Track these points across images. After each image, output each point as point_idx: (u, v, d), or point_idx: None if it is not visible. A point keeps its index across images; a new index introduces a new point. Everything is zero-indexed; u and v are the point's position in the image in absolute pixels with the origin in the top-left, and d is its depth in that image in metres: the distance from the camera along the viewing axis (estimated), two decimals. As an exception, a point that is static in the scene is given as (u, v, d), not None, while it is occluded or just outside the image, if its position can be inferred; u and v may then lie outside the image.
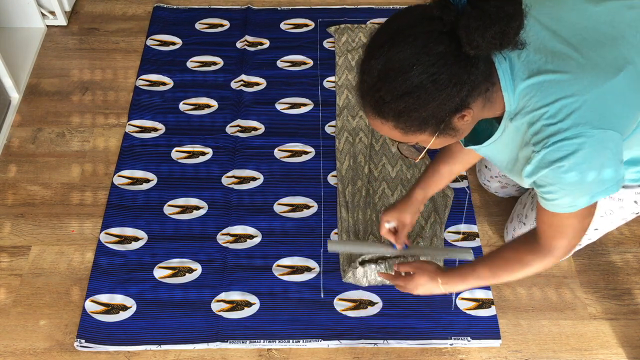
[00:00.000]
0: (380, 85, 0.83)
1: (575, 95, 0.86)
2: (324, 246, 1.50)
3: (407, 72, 0.80)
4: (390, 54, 0.81)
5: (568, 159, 0.87)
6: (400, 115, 0.85)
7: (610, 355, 1.35)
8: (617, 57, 0.90)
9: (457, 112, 0.86)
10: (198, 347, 1.34)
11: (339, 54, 1.92)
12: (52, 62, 1.91)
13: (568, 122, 0.86)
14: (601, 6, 0.95)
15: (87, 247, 1.50)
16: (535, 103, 0.88)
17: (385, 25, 0.85)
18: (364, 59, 0.86)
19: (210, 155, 1.68)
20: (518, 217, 1.42)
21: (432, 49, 0.80)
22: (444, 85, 0.81)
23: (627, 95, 0.89)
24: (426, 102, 0.82)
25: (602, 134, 0.87)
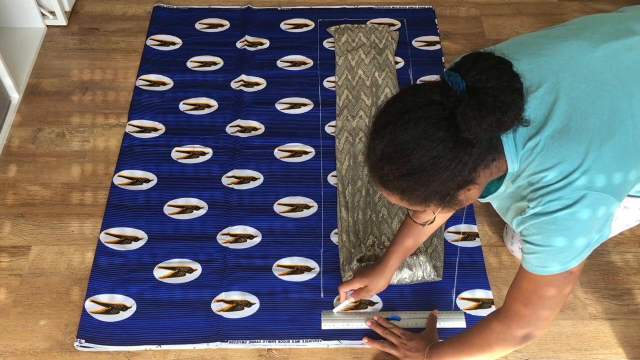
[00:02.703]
0: (383, 165, 0.86)
1: (574, 159, 0.87)
2: (324, 246, 1.50)
3: (408, 155, 0.82)
4: (392, 136, 0.83)
5: (559, 212, 0.88)
6: (404, 192, 0.87)
7: (610, 355, 1.35)
8: (616, 113, 0.89)
9: (462, 188, 0.87)
10: (198, 347, 1.34)
11: (339, 54, 1.92)
12: (52, 62, 1.91)
13: (564, 183, 0.87)
14: (600, 50, 0.94)
15: (87, 247, 1.50)
16: (536, 167, 0.89)
17: (391, 103, 0.88)
18: (370, 136, 0.88)
19: (210, 155, 1.68)
20: None
21: (432, 134, 0.81)
22: (444, 167, 0.83)
23: (623, 156, 0.89)
24: (428, 182, 0.84)
25: (597, 196, 0.87)
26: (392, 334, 1.32)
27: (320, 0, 2.12)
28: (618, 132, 0.88)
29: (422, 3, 2.10)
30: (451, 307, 1.40)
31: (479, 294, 1.42)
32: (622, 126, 0.88)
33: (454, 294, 1.42)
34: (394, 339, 1.31)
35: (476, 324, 1.13)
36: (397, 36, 1.97)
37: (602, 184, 0.87)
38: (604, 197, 0.88)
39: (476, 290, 1.43)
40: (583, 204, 0.87)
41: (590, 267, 1.48)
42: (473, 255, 1.49)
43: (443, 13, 2.08)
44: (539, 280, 0.95)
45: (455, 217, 1.55)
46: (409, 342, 1.29)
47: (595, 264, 1.49)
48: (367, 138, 0.89)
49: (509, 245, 1.48)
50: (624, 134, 0.88)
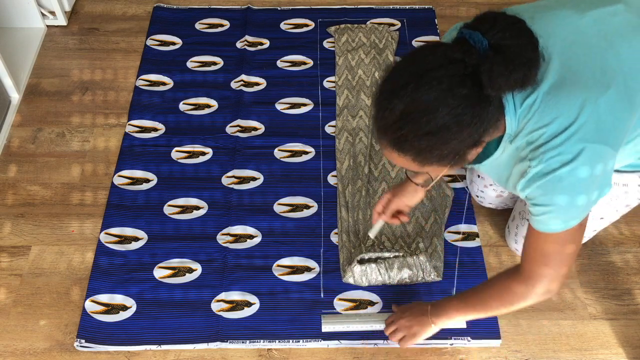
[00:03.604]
0: (403, 124, 0.85)
1: (571, 113, 0.90)
2: (324, 246, 1.50)
3: (433, 113, 0.83)
4: (415, 95, 0.83)
5: (562, 169, 0.91)
6: (420, 153, 0.88)
7: (610, 355, 1.35)
8: (607, 71, 0.93)
9: (474, 147, 0.90)
10: (198, 347, 1.34)
11: (339, 54, 1.92)
12: (52, 62, 1.91)
13: (563, 138, 0.90)
14: (587, 17, 0.98)
15: (87, 247, 1.50)
16: (534, 124, 0.92)
17: (406, 65, 0.88)
18: (383, 97, 0.88)
19: (210, 155, 1.68)
20: (520, 215, 1.42)
21: (457, 91, 0.82)
22: (466, 125, 0.85)
23: (617, 109, 0.93)
24: (448, 141, 0.86)
25: (597, 148, 0.91)
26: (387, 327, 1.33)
27: (320, 0, 2.12)
28: (611, 87, 0.92)
29: (422, 3, 2.10)
30: (451, 307, 1.40)
31: (479, 294, 1.42)
32: (614, 82, 0.92)
33: (454, 289, 1.42)
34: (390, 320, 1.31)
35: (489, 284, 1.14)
36: (397, 36, 1.97)
37: (598, 136, 0.90)
38: (601, 149, 0.91)
39: (476, 290, 1.43)
40: (583, 158, 0.90)
41: (590, 267, 1.48)
42: (473, 255, 1.49)
43: (443, 13, 2.08)
44: (557, 238, 0.98)
45: (456, 217, 1.55)
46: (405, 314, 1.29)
47: (595, 264, 1.49)
48: (380, 99, 0.89)
49: (513, 244, 1.47)
50: (616, 88, 0.92)
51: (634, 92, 0.94)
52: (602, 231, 1.54)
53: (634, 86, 0.94)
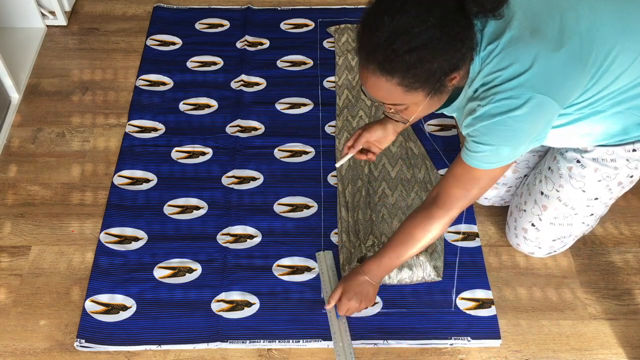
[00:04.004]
0: (394, 39, 0.89)
1: (526, 62, 0.96)
2: (324, 246, 1.50)
3: (422, 24, 0.88)
4: (404, 9, 0.88)
5: (507, 114, 0.97)
6: (410, 69, 0.91)
7: (610, 355, 1.35)
8: (565, 30, 0.99)
9: (453, 72, 0.94)
10: (198, 347, 1.34)
11: (339, 54, 1.92)
12: (52, 62, 1.92)
13: (515, 83, 0.96)
14: None
15: (87, 247, 1.50)
16: (492, 68, 0.98)
17: None
18: (370, 19, 0.91)
19: (210, 155, 1.68)
20: (517, 207, 1.44)
21: (444, 4, 0.89)
22: (452, 39, 0.90)
23: (568, 67, 0.98)
24: (437, 54, 0.90)
25: (543, 99, 0.97)
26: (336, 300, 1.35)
27: (320, 0, 2.12)
28: (566, 45, 0.98)
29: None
30: (451, 307, 1.40)
31: (479, 294, 1.42)
32: (570, 41, 0.98)
33: (454, 294, 1.42)
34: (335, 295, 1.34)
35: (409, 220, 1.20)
36: (397, 36, 1.97)
37: (547, 88, 0.97)
38: (547, 101, 0.97)
39: (476, 290, 1.43)
40: (529, 107, 0.96)
41: (590, 267, 1.48)
42: (473, 255, 1.49)
43: (443, 13, 2.08)
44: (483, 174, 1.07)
45: (455, 217, 1.56)
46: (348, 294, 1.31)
47: (595, 264, 1.49)
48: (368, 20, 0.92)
49: (513, 238, 1.47)
50: (571, 47, 0.98)
51: (587, 54, 1.00)
52: (602, 231, 1.54)
53: (587, 48, 0.99)
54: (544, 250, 1.44)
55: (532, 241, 1.42)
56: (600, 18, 1.01)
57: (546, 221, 1.37)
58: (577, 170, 1.26)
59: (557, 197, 1.32)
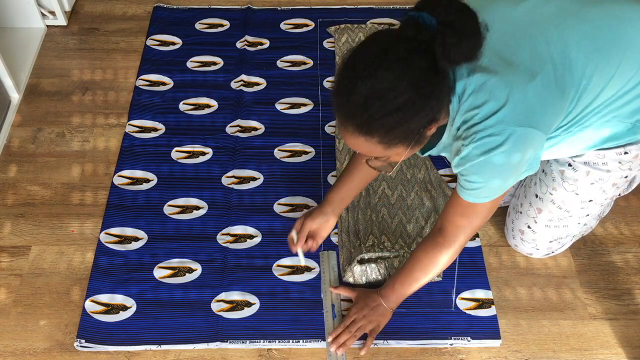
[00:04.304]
0: (370, 104, 0.90)
1: (501, 97, 0.96)
2: (324, 246, 1.50)
3: (397, 88, 0.88)
4: (377, 75, 0.89)
5: (493, 152, 0.97)
6: (388, 131, 0.93)
7: (610, 355, 1.35)
8: (536, 59, 0.99)
9: (432, 123, 0.96)
10: (198, 347, 1.34)
11: (339, 54, 1.92)
12: (52, 62, 1.92)
13: (494, 120, 0.96)
14: (519, 7, 1.05)
15: (87, 247, 1.50)
16: (469, 105, 0.98)
17: (361, 51, 0.93)
18: (344, 83, 0.92)
19: (210, 155, 1.68)
20: (514, 209, 1.45)
21: (416, 64, 0.89)
22: (427, 97, 0.91)
23: (545, 95, 0.99)
24: (414, 115, 0.91)
25: (525, 131, 0.97)
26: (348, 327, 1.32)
27: (320, 0, 2.12)
28: (540, 73, 0.98)
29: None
30: (451, 307, 1.40)
31: (479, 294, 1.42)
32: (544, 69, 0.99)
33: (454, 294, 1.42)
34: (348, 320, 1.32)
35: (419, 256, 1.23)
36: (397, 36, 1.97)
37: (527, 120, 0.97)
38: (530, 132, 0.97)
39: (476, 290, 1.43)
40: (512, 141, 0.96)
41: (590, 267, 1.48)
42: (473, 255, 1.49)
43: (443, 13, 2.08)
44: (482, 208, 1.09)
45: (455, 217, 1.55)
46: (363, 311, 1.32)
47: (595, 264, 1.49)
48: (342, 85, 0.93)
49: (511, 240, 1.48)
50: (545, 74, 0.99)
51: (562, 78, 1.00)
52: (602, 231, 1.54)
53: (561, 72, 1.00)
54: (542, 251, 1.44)
55: (529, 242, 1.43)
56: (569, 40, 1.02)
57: (541, 223, 1.37)
58: (569, 174, 1.26)
59: (550, 200, 1.32)
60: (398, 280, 1.29)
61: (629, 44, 1.05)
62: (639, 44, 1.05)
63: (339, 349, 1.30)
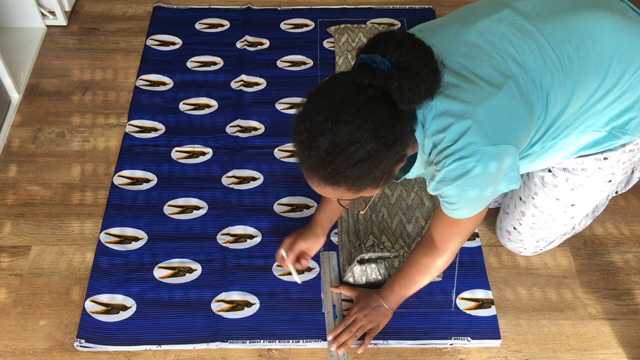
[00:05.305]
0: (332, 159, 0.88)
1: (466, 118, 0.93)
2: (324, 246, 1.50)
3: (358, 141, 0.86)
4: (336, 129, 0.86)
5: (466, 175, 0.95)
6: (356, 181, 0.91)
7: (610, 355, 1.35)
8: (496, 75, 0.97)
9: (399, 162, 0.94)
10: (198, 347, 1.34)
11: (339, 54, 1.92)
12: (52, 62, 1.92)
13: (463, 143, 0.94)
14: (471, 30, 1.03)
15: (87, 247, 1.50)
16: (435, 129, 0.95)
17: (319, 99, 0.90)
18: (304, 137, 0.90)
19: (210, 155, 1.68)
20: (502, 209, 1.46)
21: (375, 114, 0.86)
22: (391, 144, 0.89)
23: (513, 109, 0.97)
24: (379, 163, 0.90)
25: (495, 149, 0.94)
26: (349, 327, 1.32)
27: (320, 0, 2.12)
28: (502, 89, 0.96)
29: (422, 3, 2.10)
30: (451, 307, 1.40)
31: (479, 294, 1.42)
32: (505, 84, 0.96)
33: (454, 294, 1.42)
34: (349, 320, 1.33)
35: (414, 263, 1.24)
36: (397, 36, 1.97)
37: (496, 137, 0.94)
38: (501, 148, 0.95)
39: (476, 290, 1.43)
40: (484, 160, 0.94)
41: (590, 267, 1.48)
42: (473, 255, 1.49)
43: (443, 13, 2.08)
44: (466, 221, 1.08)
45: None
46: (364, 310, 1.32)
47: (595, 264, 1.49)
48: (301, 139, 0.91)
49: (500, 237, 1.49)
50: (508, 90, 0.96)
51: (527, 92, 0.98)
52: (602, 231, 1.54)
53: (525, 85, 0.98)
54: (530, 249, 1.45)
55: (516, 242, 1.44)
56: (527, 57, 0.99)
57: (526, 226, 1.38)
58: (549, 179, 1.25)
59: (533, 204, 1.32)
60: (397, 283, 1.29)
61: (588, 57, 1.03)
62: (599, 56, 1.03)
63: (340, 348, 1.30)
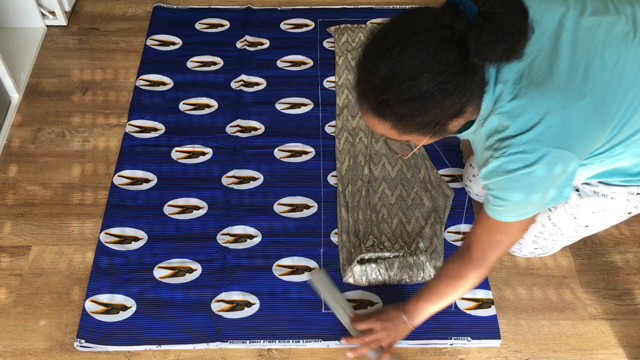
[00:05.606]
0: (385, 88, 0.84)
1: (541, 113, 0.89)
2: (324, 246, 1.50)
3: (416, 78, 0.81)
4: (400, 58, 0.82)
5: (523, 170, 0.90)
6: (401, 119, 0.87)
7: (610, 355, 1.35)
8: (588, 79, 0.91)
9: (455, 117, 0.89)
10: (198, 347, 1.34)
11: (339, 54, 1.92)
12: (52, 62, 1.91)
13: (529, 137, 0.89)
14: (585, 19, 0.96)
15: (87, 247, 1.50)
16: (504, 113, 0.91)
17: (393, 27, 0.86)
18: (367, 59, 0.86)
19: (210, 155, 1.68)
20: None
21: (443, 57, 0.81)
22: (449, 94, 0.83)
23: (589, 120, 0.91)
24: (430, 109, 0.84)
25: (559, 154, 0.90)
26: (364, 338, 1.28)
27: (320, 0, 2.12)
28: (588, 96, 0.90)
29: (422, 3, 2.10)
30: (451, 307, 1.40)
31: (479, 294, 1.42)
32: (592, 92, 0.91)
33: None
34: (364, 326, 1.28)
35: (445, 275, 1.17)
36: (397, 36, 1.97)
37: (565, 142, 0.89)
38: (565, 155, 0.90)
39: (476, 290, 1.43)
40: (545, 162, 0.89)
41: (590, 267, 1.48)
42: (473, 255, 1.49)
43: (443, 13, 2.08)
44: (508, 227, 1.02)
45: (456, 217, 1.55)
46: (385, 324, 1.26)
47: (595, 264, 1.49)
48: (363, 61, 0.87)
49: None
50: (593, 98, 0.91)
51: (609, 105, 0.93)
52: (602, 231, 1.54)
53: (610, 99, 0.93)
54: (524, 253, 1.44)
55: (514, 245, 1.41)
56: (624, 66, 0.93)
57: (531, 232, 1.36)
58: (574, 198, 1.22)
59: (547, 216, 1.30)
60: (423, 296, 1.22)
61: None
62: None
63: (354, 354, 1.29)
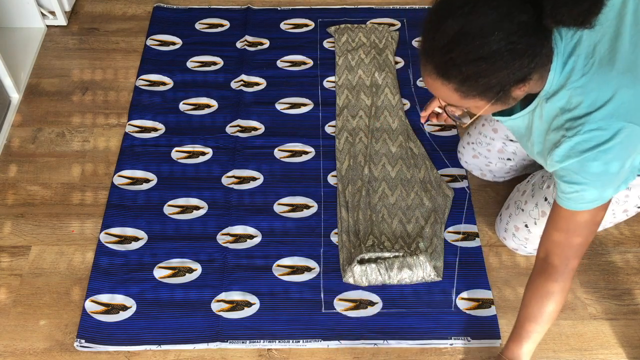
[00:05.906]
0: (453, 47, 0.81)
1: (613, 90, 0.87)
2: (324, 246, 1.50)
3: (487, 37, 0.79)
4: (471, 17, 0.80)
5: (598, 148, 0.87)
6: (466, 80, 0.84)
7: (610, 355, 1.35)
8: None
9: (520, 83, 0.86)
10: (198, 347, 1.34)
11: (339, 54, 1.92)
12: (52, 62, 1.91)
13: (603, 113, 0.87)
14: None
15: (87, 247, 1.50)
16: (575, 90, 0.88)
17: None
18: (435, 17, 0.84)
19: (210, 155, 1.68)
20: (516, 204, 1.40)
21: (515, 17, 0.79)
22: (519, 55, 0.81)
23: None
24: (497, 70, 0.82)
25: (633, 129, 0.87)
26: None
27: (320, 0, 2.12)
28: None
29: (422, 3, 2.10)
30: (451, 307, 1.40)
31: (479, 294, 1.42)
32: None
33: (454, 294, 1.42)
34: None
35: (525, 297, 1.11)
36: (397, 36, 1.97)
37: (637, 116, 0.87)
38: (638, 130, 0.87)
39: (476, 290, 1.43)
40: (621, 137, 0.86)
41: (590, 267, 1.48)
42: (473, 255, 1.49)
43: (443, 13, 2.08)
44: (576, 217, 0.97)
45: (456, 217, 1.55)
46: None
47: (595, 264, 1.49)
48: (431, 19, 0.84)
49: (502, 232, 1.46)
50: None
51: None
52: (602, 231, 1.54)
53: None
54: (528, 250, 1.44)
55: (520, 240, 1.41)
56: None
57: (540, 226, 1.33)
58: None
59: None
60: (515, 331, 1.16)
61: None
62: None
63: None
